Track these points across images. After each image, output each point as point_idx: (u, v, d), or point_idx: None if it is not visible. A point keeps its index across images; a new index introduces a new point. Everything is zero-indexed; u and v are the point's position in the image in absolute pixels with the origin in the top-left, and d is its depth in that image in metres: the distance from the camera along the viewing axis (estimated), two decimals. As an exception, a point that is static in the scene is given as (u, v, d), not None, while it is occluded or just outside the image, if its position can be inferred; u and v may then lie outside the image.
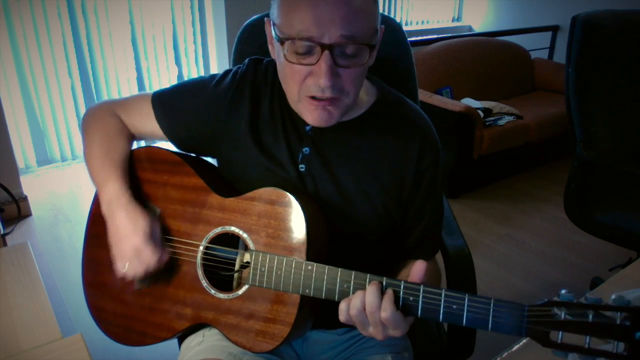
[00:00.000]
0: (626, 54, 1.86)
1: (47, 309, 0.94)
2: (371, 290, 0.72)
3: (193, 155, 1.02)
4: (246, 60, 0.97)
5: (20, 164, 3.22)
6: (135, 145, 1.03)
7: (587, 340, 0.62)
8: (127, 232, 0.88)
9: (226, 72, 0.97)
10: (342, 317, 0.75)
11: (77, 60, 3.29)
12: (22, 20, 3.01)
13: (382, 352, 0.98)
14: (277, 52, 0.83)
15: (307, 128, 0.91)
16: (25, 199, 2.84)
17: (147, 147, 1.01)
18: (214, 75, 0.97)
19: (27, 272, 1.04)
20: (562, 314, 0.63)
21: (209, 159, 1.04)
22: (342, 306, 0.75)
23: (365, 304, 0.72)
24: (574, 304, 0.63)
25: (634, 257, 2.09)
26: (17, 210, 2.70)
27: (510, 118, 3.26)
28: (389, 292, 0.72)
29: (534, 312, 0.66)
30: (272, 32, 0.82)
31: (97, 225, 1.00)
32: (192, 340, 0.95)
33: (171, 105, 0.98)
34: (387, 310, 0.71)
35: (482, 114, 3.16)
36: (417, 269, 0.73)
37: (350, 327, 1.00)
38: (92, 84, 3.41)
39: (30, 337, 0.87)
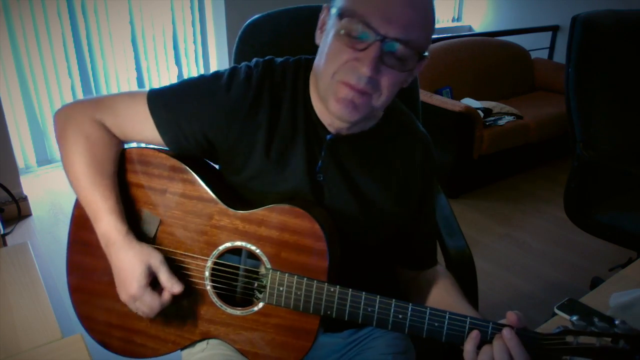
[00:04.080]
0: (626, 54, 1.86)
1: (47, 309, 0.94)
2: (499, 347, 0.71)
3: (191, 157, 0.94)
4: (259, 61, 0.90)
5: (20, 164, 3.22)
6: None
7: None
8: (125, 278, 0.84)
9: (234, 72, 0.88)
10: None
11: (77, 60, 3.29)
12: (22, 20, 3.01)
13: (384, 352, 0.98)
14: (328, 29, 0.81)
15: (328, 137, 0.88)
16: (25, 199, 2.84)
17: (140, 149, 0.92)
18: (217, 75, 0.88)
19: (27, 272, 1.04)
20: (574, 342, 0.69)
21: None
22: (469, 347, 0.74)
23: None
24: (586, 333, 0.69)
25: (634, 257, 2.09)
26: (17, 210, 2.70)
27: (510, 118, 3.26)
28: (514, 337, 0.71)
29: (551, 341, 0.71)
30: (328, 14, 0.81)
31: (82, 229, 0.93)
32: (194, 348, 0.94)
33: (175, 111, 0.87)
34: (522, 357, 0.71)
35: (482, 114, 3.16)
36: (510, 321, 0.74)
37: (355, 329, 1.00)
38: (92, 84, 3.41)
39: (30, 337, 0.87)
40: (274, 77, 0.88)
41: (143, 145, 0.93)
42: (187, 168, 0.89)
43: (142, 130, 0.88)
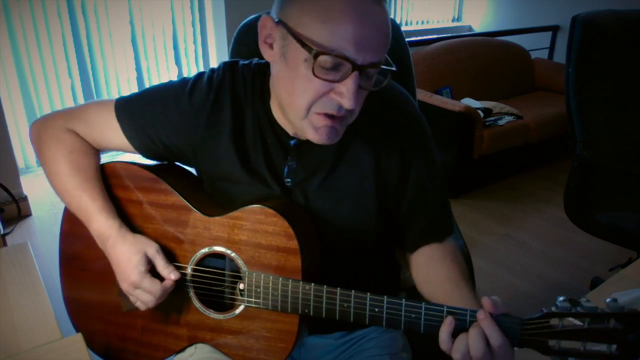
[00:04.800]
0: (626, 54, 1.86)
1: (47, 309, 0.94)
2: (474, 335, 0.69)
3: (167, 165, 0.96)
4: (220, 65, 0.90)
5: (20, 164, 3.22)
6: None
7: (583, 343, 0.65)
8: (123, 269, 0.85)
9: (199, 77, 0.89)
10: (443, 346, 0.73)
11: (77, 60, 3.29)
12: (22, 20, 3.01)
13: (380, 352, 0.97)
14: (286, 54, 0.76)
15: (292, 142, 0.87)
16: (25, 199, 2.84)
17: (116, 163, 0.94)
18: (185, 81, 0.89)
19: (27, 272, 1.04)
20: (560, 324, 0.66)
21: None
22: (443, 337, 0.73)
23: (470, 349, 0.69)
24: (571, 314, 0.65)
25: (634, 257, 2.09)
26: (17, 210, 2.70)
27: (510, 118, 3.26)
28: (490, 322, 0.69)
29: (534, 325, 0.68)
30: (276, 29, 0.76)
31: (71, 245, 0.97)
32: (184, 353, 0.95)
33: (140, 117, 0.89)
34: (498, 338, 0.68)
35: (482, 114, 3.16)
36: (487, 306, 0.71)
37: (346, 331, 1.00)
38: (92, 84, 3.41)
39: (30, 337, 0.87)
40: (235, 80, 0.88)
41: (116, 160, 0.95)
42: (160, 178, 0.91)
43: (112, 138, 0.91)
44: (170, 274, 0.85)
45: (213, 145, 0.88)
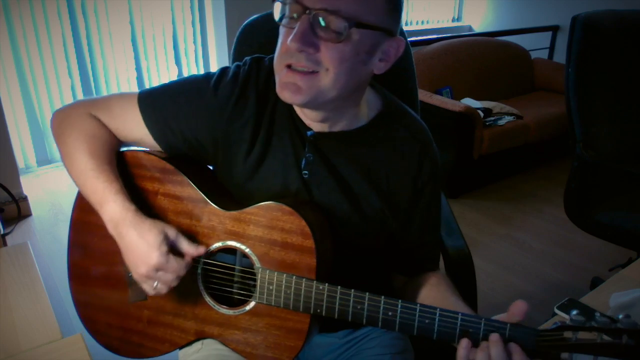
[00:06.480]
0: (626, 54, 1.86)
1: (47, 309, 0.94)
2: (495, 344, 0.70)
3: (184, 157, 0.95)
4: (247, 59, 0.91)
5: (20, 164, 3.22)
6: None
7: (595, 358, 0.66)
8: (142, 252, 0.80)
9: (223, 72, 0.90)
10: None
11: (77, 60, 3.30)
12: (22, 20, 3.01)
13: (382, 352, 0.98)
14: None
15: (309, 133, 0.88)
16: (25, 199, 2.84)
17: (132, 152, 0.93)
18: (209, 75, 0.90)
19: (27, 272, 1.04)
20: (573, 337, 0.66)
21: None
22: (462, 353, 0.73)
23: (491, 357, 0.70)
24: (585, 328, 0.65)
25: (634, 257, 2.09)
26: (17, 210, 2.70)
27: (510, 118, 3.26)
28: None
29: (548, 337, 0.68)
30: None
31: (80, 233, 0.95)
32: (190, 348, 0.95)
33: (163, 109, 0.89)
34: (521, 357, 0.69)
35: (482, 114, 3.16)
36: (518, 310, 0.72)
37: (350, 329, 1.00)
38: (92, 84, 3.41)
39: (30, 337, 0.87)
40: (259, 75, 0.89)
41: (133, 148, 0.94)
42: (177, 169, 0.90)
43: (134, 128, 0.90)
44: (198, 249, 0.83)
45: (234, 138, 0.89)
